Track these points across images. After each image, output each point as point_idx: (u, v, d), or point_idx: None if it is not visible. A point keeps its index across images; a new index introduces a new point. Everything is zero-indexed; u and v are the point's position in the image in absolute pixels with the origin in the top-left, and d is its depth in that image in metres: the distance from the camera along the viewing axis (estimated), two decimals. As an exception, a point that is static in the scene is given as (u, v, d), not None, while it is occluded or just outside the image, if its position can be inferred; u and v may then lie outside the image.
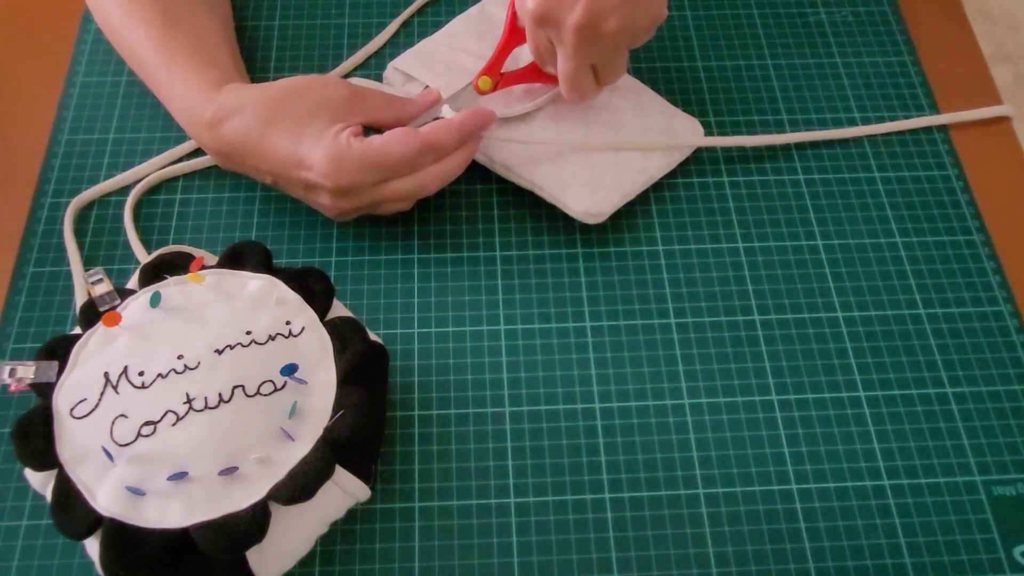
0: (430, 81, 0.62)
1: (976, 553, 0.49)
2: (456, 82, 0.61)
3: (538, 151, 0.59)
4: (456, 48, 0.64)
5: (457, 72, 0.62)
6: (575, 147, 0.59)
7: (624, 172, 0.59)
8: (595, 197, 0.58)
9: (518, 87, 0.61)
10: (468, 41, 0.64)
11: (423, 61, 0.63)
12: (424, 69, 0.63)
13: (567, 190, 0.58)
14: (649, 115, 0.62)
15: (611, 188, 0.58)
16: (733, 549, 0.49)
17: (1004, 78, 1.54)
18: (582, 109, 0.62)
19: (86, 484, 0.43)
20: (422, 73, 0.63)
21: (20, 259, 0.58)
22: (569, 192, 0.58)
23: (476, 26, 0.65)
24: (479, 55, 0.63)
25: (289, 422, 0.45)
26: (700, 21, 0.70)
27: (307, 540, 0.46)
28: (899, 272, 0.59)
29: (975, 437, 0.53)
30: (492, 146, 0.59)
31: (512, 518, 0.50)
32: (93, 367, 0.46)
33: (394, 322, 0.56)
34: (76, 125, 0.64)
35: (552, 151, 0.59)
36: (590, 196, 0.58)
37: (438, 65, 0.63)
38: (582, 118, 0.61)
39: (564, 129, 0.60)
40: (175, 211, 0.60)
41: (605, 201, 0.58)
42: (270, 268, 0.50)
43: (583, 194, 0.58)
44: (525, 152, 0.59)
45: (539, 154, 0.59)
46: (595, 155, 0.60)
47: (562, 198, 0.58)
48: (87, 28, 0.69)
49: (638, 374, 0.54)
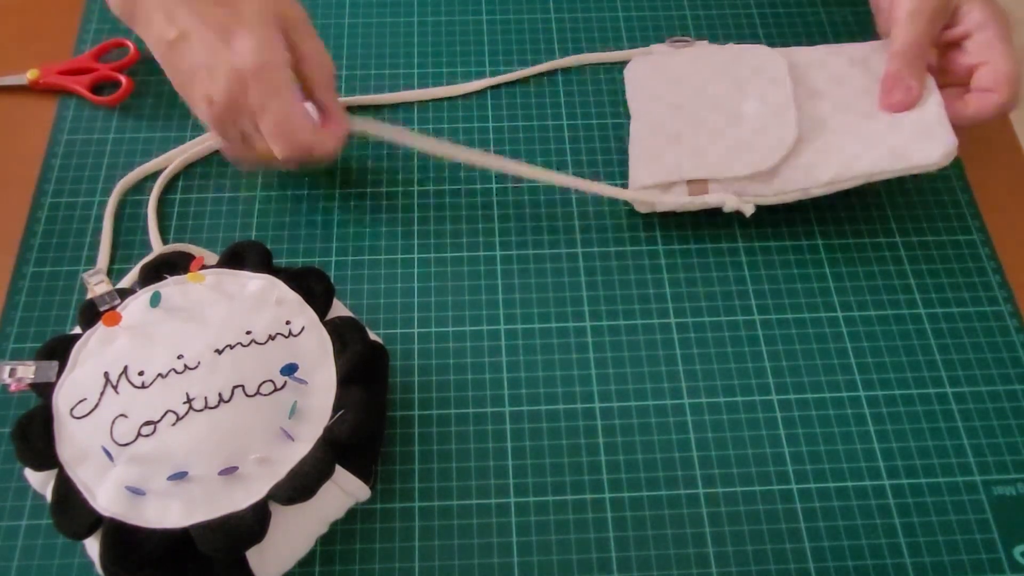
0: (693, 172, 0.57)
1: (976, 553, 0.49)
2: (713, 156, 0.57)
3: (845, 147, 0.56)
4: (669, 131, 0.60)
5: (702, 148, 0.58)
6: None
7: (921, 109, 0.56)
8: (940, 142, 0.55)
9: (765, 115, 0.58)
10: (668, 119, 0.60)
11: (660, 162, 0.58)
12: (673, 166, 0.58)
13: (911, 154, 0.55)
14: (870, 124, 0.57)
15: (935, 124, 0.56)
16: (733, 549, 0.49)
17: (1004, 78, 1.53)
18: (818, 97, 0.58)
19: (86, 484, 0.43)
20: (677, 171, 0.57)
21: (20, 259, 0.58)
22: (914, 154, 0.55)
23: (656, 103, 0.61)
24: (695, 121, 0.59)
25: (289, 422, 0.45)
26: (700, 21, 0.70)
27: (307, 540, 0.46)
28: (899, 272, 0.58)
29: (975, 437, 0.53)
30: (815, 174, 0.56)
31: (512, 518, 0.50)
32: (93, 367, 0.46)
33: (394, 322, 0.56)
34: (76, 125, 0.64)
35: (851, 138, 0.56)
36: (934, 143, 0.55)
37: (676, 155, 0.58)
38: (833, 103, 0.58)
39: (835, 120, 0.58)
40: (175, 211, 0.60)
41: (949, 139, 0.55)
42: (270, 268, 0.50)
43: (927, 145, 0.55)
44: (839, 156, 0.56)
45: (850, 149, 0.56)
46: (875, 115, 0.57)
47: (912, 163, 0.55)
48: (87, 29, 0.69)
49: (638, 374, 0.54)
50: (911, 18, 0.56)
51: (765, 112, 0.58)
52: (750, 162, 0.56)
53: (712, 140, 0.58)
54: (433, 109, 0.65)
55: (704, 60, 0.63)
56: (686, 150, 0.58)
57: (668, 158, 0.58)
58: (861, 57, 0.60)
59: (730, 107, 0.59)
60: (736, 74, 0.61)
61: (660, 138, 0.59)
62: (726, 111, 0.59)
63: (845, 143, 0.57)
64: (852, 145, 0.56)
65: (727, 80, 0.60)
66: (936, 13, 0.56)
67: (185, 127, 0.64)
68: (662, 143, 0.59)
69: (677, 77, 0.62)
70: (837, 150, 0.56)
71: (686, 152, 0.58)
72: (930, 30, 0.56)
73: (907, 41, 0.57)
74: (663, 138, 0.59)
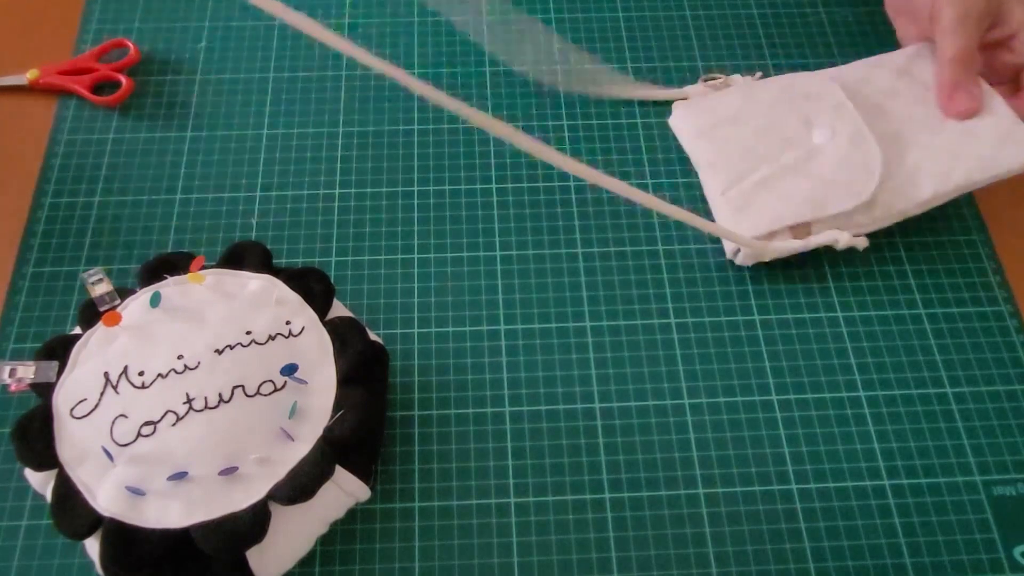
0: (791, 217, 0.56)
1: (976, 553, 0.49)
2: (805, 196, 0.56)
3: (933, 163, 0.56)
4: (749, 181, 0.57)
5: (791, 192, 0.56)
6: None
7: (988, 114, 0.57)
8: (1019, 145, 0.56)
9: (840, 144, 0.57)
10: (739, 167, 0.58)
11: (755, 211, 0.56)
12: (769, 214, 0.56)
13: (1000, 161, 0.56)
14: (942, 134, 0.57)
15: (1014, 127, 0.56)
16: (733, 549, 0.49)
17: (1004, 78, 1.53)
18: (882, 115, 0.58)
19: (86, 484, 0.43)
20: (777, 219, 0.56)
21: (20, 259, 0.58)
22: (1004, 160, 0.56)
23: (720, 155, 0.59)
24: (770, 161, 0.57)
25: (289, 422, 0.45)
26: (700, 21, 0.70)
27: (307, 540, 0.46)
28: (899, 272, 0.58)
29: (975, 437, 0.53)
30: (911, 194, 0.56)
31: (512, 518, 0.50)
32: (93, 367, 0.46)
33: (394, 322, 0.56)
34: (76, 125, 0.64)
35: (935, 152, 0.57)
36: (1020, 145, 0.56)
37: (771, 204, 0.56)
38: (898, 121, 0.58)
39: (909, 137, 0.57)
40: (175, 211, 0.60)
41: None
42: (270, 268, 0.50)
43: (1014, 148, 0.56)
44: (929, 171, 0.56)
45: (939, 165, 0.56)
46: (946, 124, 0.57)
47: (1002, 169, 0.56)
48: (87, 29, 0.69)
49: (638, 374, 0.54)
50: (960, 24, 0.56)
51: (840, 140, 0.57)
52: (847, 195, 0.55)
53: (796, 179, 0.56)
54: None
55: (756, 96, 0.61)
56: (775, 195, 0.56)
57: (760, 205, 0.56)
58: (903, 67, 0.60)
59: (801, 141, 0.58)
60: (794, 106, 0.59)
61: (743, 184, 0.57)
62: (799, 146, 0.58)
63: (932, 158, 0.56)
64: (940, 159, 0.56)
65: (788, 113, 0.59)
66: (983, 16, 0.56)
67: (185, 127, 0.64)
68: (748, 190, 0.57)
69: (733, 118, 0.60)
70: (928, 166, 0.56)
71: (777, 196, 0.56)
72: (979, 34, 0.57)
73: (961, 47, 0.57)
74: (747, 184, 0.57)
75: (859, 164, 0.56)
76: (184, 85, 0.66)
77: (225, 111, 0.65)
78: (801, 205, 0.56)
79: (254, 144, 0.63)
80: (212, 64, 0.67)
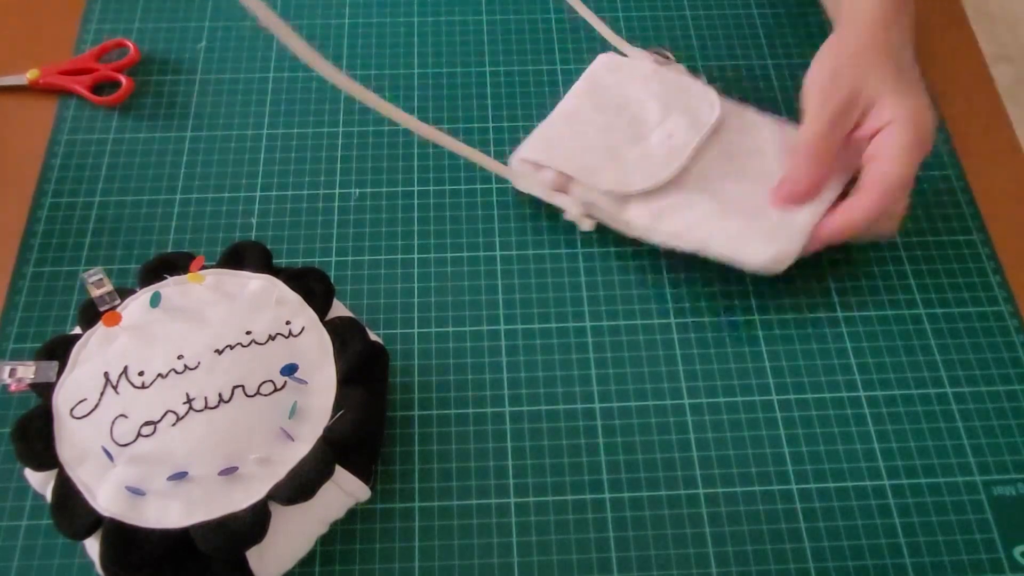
0: (563, 164, 0.57)
1: (976, 553, 0.49)
2: (591, 161, 0.58)
3: (700, 211, 0.56)
4: (578, 125, 0.60)
5: (589, 150, 0.58)
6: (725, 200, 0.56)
7: (797, 210, 0.55)
8: (777, 247, 0.54)
9: (659, 149, 0.58)
10: (588, 115, 0.60)
11: (549, 145, 0.59)
12: (554, 153, 0.58)
13: (744, 246, 0.54)
14: (749, 201, 0.57)
15: (789, 229, 0.54)
16: (733, 549, 0.49)
17: (1004, 78, 1.54)
18: (726, 158, 0.58)
19: (86, 484, 0.43)
20: (552, 158, 0.58)
21: (20, 259, 0.58)
22: (747, 247, 0.54)
23: (590, 98, 0.61)
24: (606, 127, 0.59)
25: (289, 422, 0.45)
26: (700, 21, 0.70)
27: (307, 540, 0.46)
28: (899, 272, 0.58)
29: (975, 437, 0.53)
30: (661, 221, 0.56)
31: (512, 518, 0.50)
32: (93, 367, 0.46)
33: (394, 322, 0.56)
34: (76, 125, 0.64)
35: (713, 206, 0.56)
36: (770, 246, 0.54)
37: (565, 146, 0.59)
38: (732, 170, 0.57)
39: (715, 184, 0.57)
40: (175, 211, 0.60)
41: (787, 248, 0.54)
42: (270, 268, 0.50)
43: (762, 245, 0.54)
44: (688, 216, 0.56)
45: (702, 215, 0.55)
46: (760, 198, 0.56)
47: (739, 256, 0.54)
48: (87, 29, 0.69)
49: (638, 374, 0.54)
50: (814, 114, 0.54)
51: (664, 146, 0.58)
52: (613, 180, 0.56)
53: (604, 149, 0.58)
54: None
55: (656, 81, 0.62)
56: (576, 146, 0.58)
57: (556, 145, 0.58)
58: (784, 142, 0.59)
59: (642, 131, 0.59)
60: (669, 104, 0.60)
61: (567, 129, 0.60)
62: (636, 133, 0.59)
63: (705, 207, 0.56)
64: (707, 211, 0.56)
65: (659, 107, 0.60)
66: (841, 110, 0.53)
67: (185, 127, 0.64)
68: (565, 134, 0.59)
69: (625, 86, 0.62)
70: (691, 209, 0.56)
71: (574, 148, 0.58)
72: (832, 128, 0.54)
73: (804, 138, 0.55)
74: (568, 130, 0.59)
75: (649, 169, 0.57)
76: (184, 85, 0.66)
77: (225, 111, 0.65)
78: (577, 163, 0.57)
79: (254, 144, 0.63)
80: (212, 64, 0.67)
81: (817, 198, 0.55)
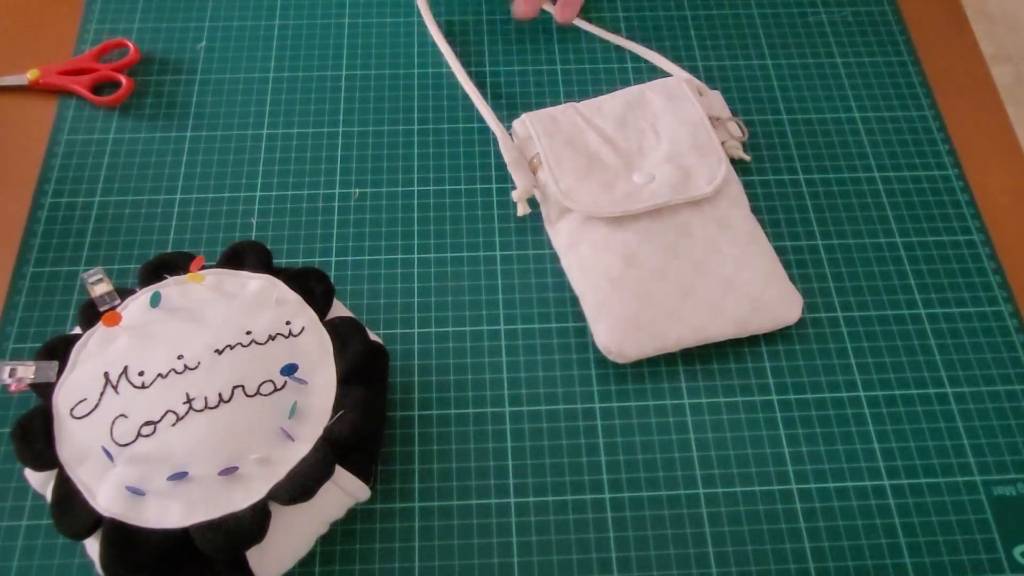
0: (544, 149, 0.58)
1: (976, 553, 0.49)
2: (569, 158, 0.58)
3: (602, 268, 0.55)
4: (590, 125, 0.60)
5: (575, 150, 0.58)
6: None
7: (678, 321, 0.53)
8: (625, 339, 0.53)
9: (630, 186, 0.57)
10: (605, 120, 0.60)
11: (551, 126, 0.59)
12: (546, 135, 0.59)
13: (601, 318, 0.54)
14: (744, 271, 0.55)
15: (652, 335, 0.53)
16: (733, 549, 0.49)
17: (1004, 78, 1.54)
18: (675, 234, 0.56)
19: (86, 484, 0.43)
20: (541, 138, 0.59)
21: (20, 259, 0.58)
22: (602, 322, 0.53)
23: (622, 107, 0.61)
24: (608, 140, 0.59)
25: (289, 422, 0.45)
26: (700, 21, 0.70)
27: (307, 540, 0.46)
28: (899, 272, 0.59)
29: (975, 437, 0.53)
30: (572, 250, 0.56)
31: (512, 518, 0.50)
32: (93, 367, 0.46)
33: (394, 322, 0.56)
34: (76, 125, 0.64)
35: (612, 271, 0.55)
36: (620, 336, 0.53)
37: (561, 135, 0.59)
38: (671, 244, 0.56)
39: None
40: (175, 211, 0.60)
41: (633, 347, 0.53)
42: (270, 268, 0.50)
43: (615, 330, 0.53)
44: (586, 264, 0.55)
45: (598, 269, 0.55)
46: (655, 285, 0.54)
47: (592, 325, 0.54)
48: (87, 29, 0.69)
49: (638, 374, 0.54)
50: None
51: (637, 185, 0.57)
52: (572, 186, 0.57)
53: (588, 156, 0.58)
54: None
55: (689, 132, 0.60)
56: (572, 140, 0.59)
57: (556, 131, 0.59)
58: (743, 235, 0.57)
59: (635, 161, 0.58)
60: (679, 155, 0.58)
61: (576, 118, 0.60)
62: (629, 162, 0.58)
63: (608, 265, 0.55)
64: (604, 268, 0.55)
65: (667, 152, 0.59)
66: None
67: (185, 127, 0.64)
68: (571, 122, 0.60)
69: (661, 116, 0.60)
70: (597, 258, 0.55)
71: (569, 139, 0.59)
72: None
73: None
74: (578, 120, 0.60)
75: (620, 198, 0.56)
76: (184, 85, 0.66)
77: (225, 111, 0.65)
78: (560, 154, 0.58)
79: (254, 144, 0.63)
80: (212, 64, 0.67)
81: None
